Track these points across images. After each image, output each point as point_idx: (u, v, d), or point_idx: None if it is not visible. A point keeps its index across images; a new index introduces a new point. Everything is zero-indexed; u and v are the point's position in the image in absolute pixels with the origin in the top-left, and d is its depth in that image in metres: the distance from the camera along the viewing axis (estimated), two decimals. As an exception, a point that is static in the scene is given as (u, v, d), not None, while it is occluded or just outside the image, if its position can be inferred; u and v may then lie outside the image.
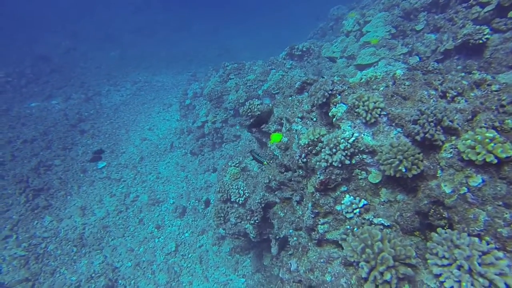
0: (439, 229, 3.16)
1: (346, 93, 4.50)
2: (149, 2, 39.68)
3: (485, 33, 6.98)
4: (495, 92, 3.73)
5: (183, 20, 35.49)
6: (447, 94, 3.77)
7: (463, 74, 4.36)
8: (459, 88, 3.71)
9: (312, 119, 5.21)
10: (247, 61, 13.69)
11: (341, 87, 4.64)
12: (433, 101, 3.79)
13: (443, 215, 3.29)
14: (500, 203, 2.92)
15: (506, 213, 2.85)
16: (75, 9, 36.38)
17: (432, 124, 3.29)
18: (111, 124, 16.52)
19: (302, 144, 4.66)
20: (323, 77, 5.04)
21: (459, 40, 7.35)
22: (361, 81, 4.86)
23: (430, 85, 3.98)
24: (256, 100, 7.26)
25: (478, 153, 2.92)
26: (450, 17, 8.27)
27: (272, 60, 12.97)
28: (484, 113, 3.34)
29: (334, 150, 4.04)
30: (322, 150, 4.23)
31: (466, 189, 3.05)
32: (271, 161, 6.44)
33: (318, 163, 4.25)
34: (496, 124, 3.14)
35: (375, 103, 3.83)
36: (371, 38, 10.15)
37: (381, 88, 4.33)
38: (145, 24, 34.24)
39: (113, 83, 21.25)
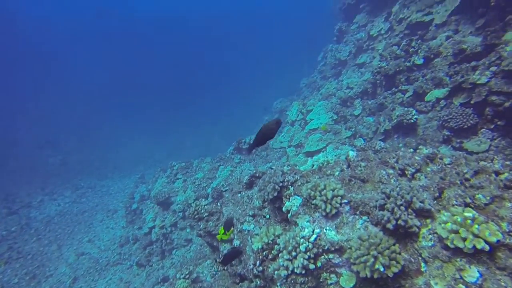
0: None
1: (299, 183, 3.99)
2: (93, 104, 40.13)
3: (412, 114, 7.52)
4: (449, 165, 3.48)
5: (132, 124, 35.78)
6: (406, 172, 3.44)
7: (411, 150, 4.18)
8: (416, 164, 3.42)
9: (264, 216, 4.51)
10: (195, 159, 13.28)
11: (293, 177, 4.16)
12: (394, 180, 3.40)
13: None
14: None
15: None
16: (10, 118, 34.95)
17: (402, 208, 2.79)
18: (38, 241, 13.96)
19: (256, 249, 3.83)
20: (272, 168, 4.58)
21: (394, 121, 7.77)
22: (313, 168, 4.47)
23: (386, 164, 3.66)
24: (203, 200, 6.50)
25: (465, 239, 2.39)
26: (381, 102, 8.98)
27: (220, 156, 12.72)
28: (451, 188, 2.97)
29: (294, 253, 3.27)
30: (280, 254, 3.44)
31: (464, 287, 2.40)
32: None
33: (276, 272, 3.39)
34: (468, 200, 2.74)
35: (333, 191, 3.32)
36: (321, 125, 10.49)
37: (336, 173, 3.92)
38: (93, 128, 33.75)
39: (49, 192, 19.08)
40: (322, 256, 3.24)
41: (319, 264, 3.22)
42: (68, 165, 24.26)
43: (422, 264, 2.74)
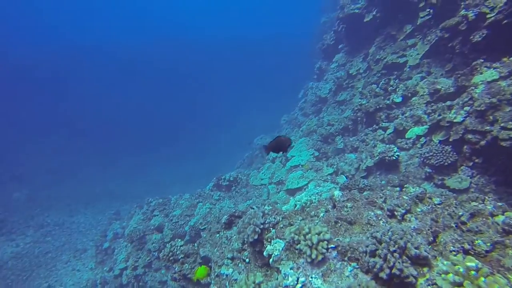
0: None
1: (282, 225, 3.71)
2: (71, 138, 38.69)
3: (394, 151, 7.56)
4: (439, 206, 3.33)
5: (108, 156, 34.58)
6: (395, 213, 3.24)
7: (398, 188, 4.03)
8: (405, 205, 3.24)
9: (244, 260, 4.13)
10: (173, 196, 12.71)
11: (274, 218, 3.87)
12: (383, 222, 3.19)
13: None
14: None
15: None
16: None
17: (396, 255, 2.54)
18: (-17, 293, 12.42)
19: (235, 302, 3.42)
20: (253, 208, 4.28)
21: (376, 158, 7.76)
22: (296, 208, 4.21)
23: (374, 204, 3.46)
24: (179, 240, 6.03)
25: (469, 294, 2.15)
26: (362, 138, 9.05)
27: (199, 193, 12.25)
28: (446, 232, 2.77)
29: (278, 307, 2.90)
30: (263, 308, 3.05)
31: None
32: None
33: (259, 329, 2.98)
34: (466, 246, 2.54)
35: (318, 235, 3.05)
36: (304, 164, 10.38)
37: (321, 214, 3.68)
38: (65, 163, 32.17)
39: (7, 231, 17.39)
40: (308, 310, 2.89)
41: (305, 319, 2.86)
42: (35, 201, 22.60)
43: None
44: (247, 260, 4.19)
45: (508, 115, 5.30)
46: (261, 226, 3.66)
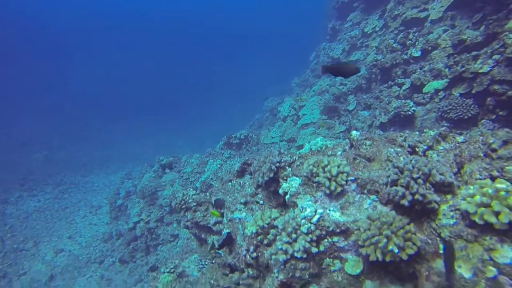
0: None
1: (298, 163, 3.66)
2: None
3: (410, 105, 7.32)
4: (464, 143, 3.20)
5: (123, 124, 34.82)
6: (417, 149, 3.14)
7: (417, 132, 3.90)
8: (428, 141, 3.13)
9: (258, 202, 4.15)
10: (183, 155, 12.82)
11: (291, 158, 3.82)
12: (404, 159, 3.10)
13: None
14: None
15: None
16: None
17: (420, 181, 2.47)
18: (12, 238, 13.17)
19: (249, 234, 3.46)
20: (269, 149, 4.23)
21: (392, 113, 7.55)
22: (312, 150, 4.15)
23: (393, 143, 3.36)
24: (191, 190, 6.10)
25: (498, 213, 2.08)
26: (376, 95, 8.78)
27: (210, 152, 12.31)
28: (473, 162, 2.67)
29: (294, 235, 2.91)
30: (278, 238, 3.08)
31: (495, 270, 2.09)
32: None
33: (274, 256, 3.03)
34: (495, 173, 2.44)
35: (338, 167, 2.98)
36: (320, 122, 10.16)
37: (339, 153, 3.60)
38: (79, 127, 32.66)
39: (28, 188, 18.14)
40: (326, 240, 2.90)
41: (322, 248, 2.88)
42: (52, 161, 23.31)
43: (441, 246, 2.43)
44: (261, 202, 4.20)
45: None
46: (277, 164, 3.62)
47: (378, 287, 2.73)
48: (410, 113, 7.19)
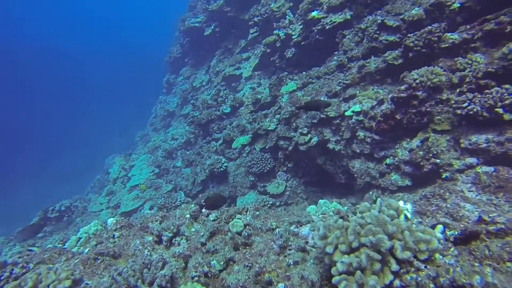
0: None
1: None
2: None
3: (222, 162, 7.46)
4: (214, 222, 2.97)
5: None
6: (163, 237, 2.67)
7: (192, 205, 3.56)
8: (172, 228, 2.71)
9: None
10: None
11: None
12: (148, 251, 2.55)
13: None
14: None
15: None
16: None
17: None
18: None
19: None
20: None
21: (207, 171, 7.48)
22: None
23: (146, 230, 2.80)
24: None
25: None
26: (197, 151, 8.71)
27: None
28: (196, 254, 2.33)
29: None
30: None
31: None
32: None
33: None
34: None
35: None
36: (140, 183, 9.26)
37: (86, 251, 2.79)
38: None
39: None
40: None
41: None
42: None
43: None
44: None
45: (303, 121, 5.78)
46: None
47: None
48: (222, 169, 7.26)
